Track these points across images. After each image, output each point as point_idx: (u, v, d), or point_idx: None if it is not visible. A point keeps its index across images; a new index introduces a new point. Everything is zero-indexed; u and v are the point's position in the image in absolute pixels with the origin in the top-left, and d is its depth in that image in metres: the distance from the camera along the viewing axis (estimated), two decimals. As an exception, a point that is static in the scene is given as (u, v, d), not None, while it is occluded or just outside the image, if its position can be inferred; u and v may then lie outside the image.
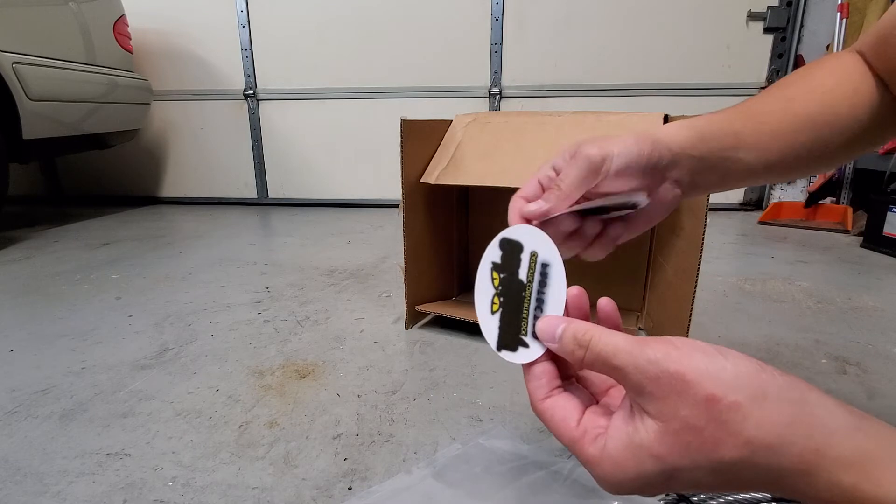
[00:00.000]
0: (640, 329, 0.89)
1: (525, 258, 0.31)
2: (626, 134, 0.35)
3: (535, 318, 0.30)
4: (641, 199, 0.34)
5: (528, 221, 0.33)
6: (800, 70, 0.42)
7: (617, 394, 0.30)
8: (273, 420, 0.64)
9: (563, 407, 0.28)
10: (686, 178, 0.37)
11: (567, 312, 0.30)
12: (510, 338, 0.31)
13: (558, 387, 0.29)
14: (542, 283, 0.30)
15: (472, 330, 0.90)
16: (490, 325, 0.31)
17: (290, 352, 0.83)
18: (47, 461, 0.56)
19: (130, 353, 0.83)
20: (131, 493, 0.51)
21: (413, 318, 0.92)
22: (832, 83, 0.39)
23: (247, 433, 0.61)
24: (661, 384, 0.23)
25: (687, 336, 0.69)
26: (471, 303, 0.99)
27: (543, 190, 0.35)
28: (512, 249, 0.32)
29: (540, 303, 0.30)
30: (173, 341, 0.88)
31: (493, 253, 0.32)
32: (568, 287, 0.30)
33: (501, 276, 0.32)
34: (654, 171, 0.35)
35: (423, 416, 0.65)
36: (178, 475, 0.54)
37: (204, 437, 0.60)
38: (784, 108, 0.38)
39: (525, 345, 0.30)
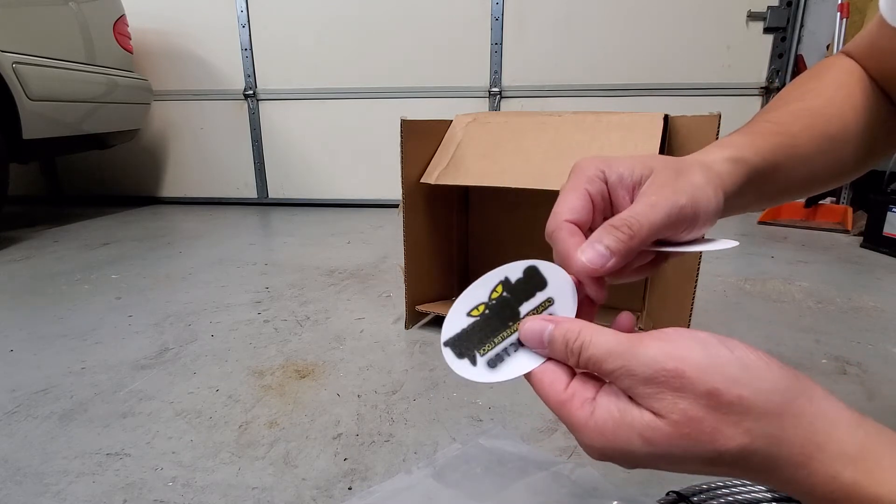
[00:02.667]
0: (640, 329, 0.89)
1: (540, 297, 0.28)
2: (698, 173, 0.29)
3: (505, 351, 0.28)
4: (732, 243, 0.30)
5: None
6: (807, 77, 0.39)
7: None
8: (273, 420, 0.64)
9: (553, 371, 0.26)
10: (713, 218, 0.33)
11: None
12: (464, 345, 0.28)
13: (551, 359, 0.27)
14: None
15: (472, 330, 0.90)
16: (456, 320, 0.29)
17: (290, 352, 0.83)
18: (47, 461, 0.56)
19: (130, 353, 0.83)
20: (131, 493, 0.51)
21: (413, 318, 0.92)
22: (843, 94, 0.37)
23: (247, 433, 0.61)
24: (657, 381, 0.22)
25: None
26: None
27: (594, 207, 0.29)
28: (533, 280, 0.28)
29: (521, 344, 0.28)
30: (173, 341, 0.88)
31: (512, 270, 0.29)
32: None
33: (503, 294, 0.29)
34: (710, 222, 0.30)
35: (423, 416, 0.65)
36: (178, 475, 0.54)
37: (204, 437, 0.60)
38: (810, 125, 0.36)
39: (473, 362, 0.28)
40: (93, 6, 1.81)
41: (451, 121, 0.90)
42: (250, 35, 2.22)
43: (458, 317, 0.29)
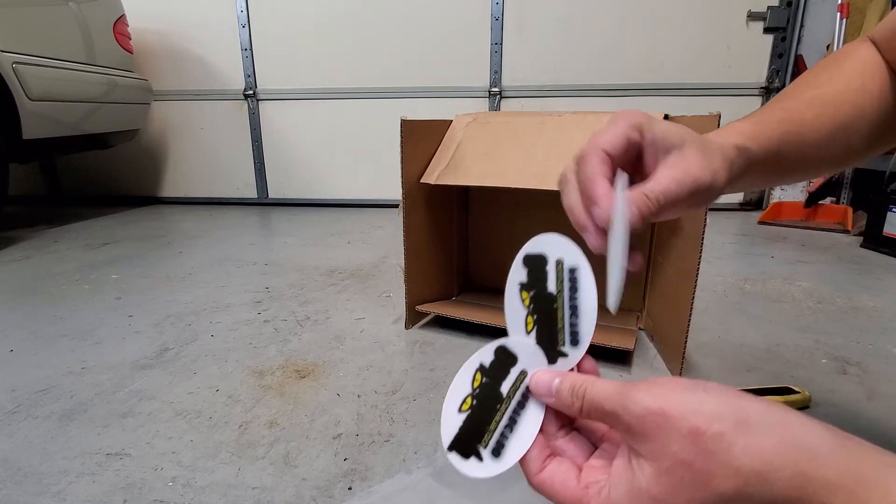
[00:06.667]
0: (641, 329, 0.89)
1: (514, 373, 0.31)
2: (718, 154, 0.32)
3: (502, 435, 0.29)
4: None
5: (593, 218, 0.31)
6: (826, 65, 0.41)
7: (615, 437, 0.30)
8: (273, 420, 0.64)
9: (558, 471, 0.28)
10: (715, 194, 0.35)
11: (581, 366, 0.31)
12: (466, 443, 0.30)
13: (550, 455, 0.29)
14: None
15: (472, 330, 0.90)
16: (451, 420, 0.30)
17: (290, 352, 0.83)
18: (47, 461, 0.56)
19: (130, 353, 0.83)
20: (131, 493, 0.51)
21: (413, 318, 0.92)
22: (858, 83, 0.38)
23: (247, 433, 0.61)
24: (646, 422, 0.23)
25: (686, 336, 0.69)
26: (470, 302, 0.99)
27: (627, 151, 0.31)
28: (505, 359, 0.31)
29: (514, 423, 0.30)
30: (173, 341, 0.88)
31: (484, 354, 0.31)
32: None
33: (483, 380, 0.31)
34: (703, 198, 0.33)
35: (424, 416, 0.65)
36: (178, 475, 0.54)
37: (204, 437, 0.60)
38: (822, 113, 0.37)
39: (479, 457, 0.30)
40: (93, 6, 1.81)
41: (451, 121, 0.90)
42: (250, 35, 2.22)
43: (451, 416, 0.30)
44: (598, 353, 0.78)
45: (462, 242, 1.03)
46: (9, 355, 0.83)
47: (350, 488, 0.52)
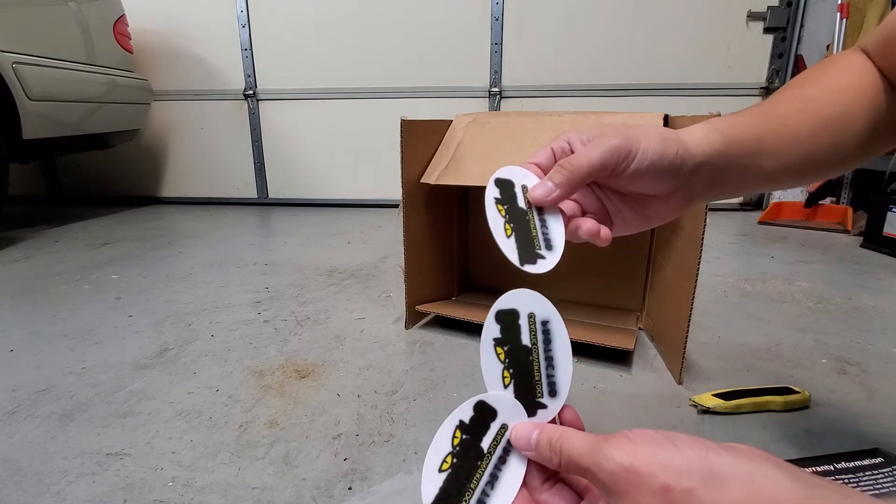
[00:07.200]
0: (641, 329, 0.89)
1: (495, 427, 0.31)
2: (651, 130, 0.33)
3: (483, 493, 0.29)
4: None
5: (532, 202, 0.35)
6: (813, 69, 0.41)
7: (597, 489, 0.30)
8: (273, 420, 0.64)
9: None
10: (702, 186, 0.36)
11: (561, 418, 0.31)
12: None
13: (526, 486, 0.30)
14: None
15: (472, 330, 0.90)
16: (431, 481, 0.30)
17: (290, 352, 0.83)
18: (47, 461, 0.56)
19: (130, 353, 0.83)
20: (131, 493, 0.51)
21: (413, 318, 0.92)
22: (844, 83, 0.38)
23: (247, 433, 0.61)
24: (617, 479, 0.24)
25: (686, 337, 0.69)
26: (470, 302, 0.99)
27: (556, 161, 0.35)
28: (484, 414, 0.31)
29: (495, 479, 0.30)
30: (173, 341, 0.88)
31: (463, 411, 0.32)
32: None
33: (463, 437, 0.31)
34: (674, 175, 0.34)
35: (423, 416, 0.65)
36: (178, 475, 0.54)
37: (204, 437, 0.60)
38: (802, 109, 0.37)
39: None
40: (93, 6, 1.81)
41: (451, 121, 0.90)
42: (250, 35, 2.22)
43: (431, 477, 0.30)
44: (598, 353, 0.79)
45: (462, 242, 1.03)
46: (9, 355, 0.83)
47: (350, 488, 0.52)
